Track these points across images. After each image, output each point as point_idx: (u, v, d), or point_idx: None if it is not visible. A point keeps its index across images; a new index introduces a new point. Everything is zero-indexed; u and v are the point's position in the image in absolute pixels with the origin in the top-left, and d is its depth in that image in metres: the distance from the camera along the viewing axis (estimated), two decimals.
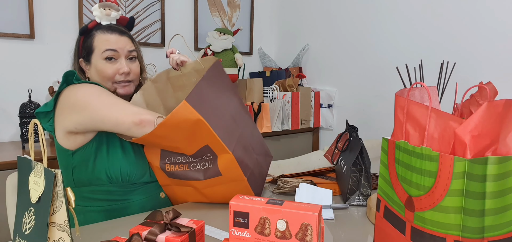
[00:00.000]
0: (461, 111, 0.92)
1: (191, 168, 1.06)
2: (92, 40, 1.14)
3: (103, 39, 1.13)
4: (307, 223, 0.63)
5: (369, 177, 1.10)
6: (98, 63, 1.13)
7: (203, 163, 1.05)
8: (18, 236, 0.67)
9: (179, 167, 1.07)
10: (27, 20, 1.94)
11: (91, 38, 1.14)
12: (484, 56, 1.85)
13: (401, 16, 2.18)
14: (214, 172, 1.04)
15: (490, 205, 0.55)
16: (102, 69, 1.13)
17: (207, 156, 1.03)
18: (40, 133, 0.63)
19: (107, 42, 1.13)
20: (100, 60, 1.13)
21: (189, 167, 1.06)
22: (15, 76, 1.93)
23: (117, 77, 1.14)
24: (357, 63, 2.44)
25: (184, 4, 2.52)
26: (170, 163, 1.07)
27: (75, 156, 1.08)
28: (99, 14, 1.14)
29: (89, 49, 1.14)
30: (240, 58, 2.46)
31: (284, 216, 0.64)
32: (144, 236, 0.73)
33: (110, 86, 1.14)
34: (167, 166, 1.07)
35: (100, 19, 1.15)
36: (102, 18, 1.15)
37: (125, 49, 1.15)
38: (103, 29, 1.15)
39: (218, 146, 1.00)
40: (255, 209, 0.66)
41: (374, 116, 2.36)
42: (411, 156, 0.62)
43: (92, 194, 1.10)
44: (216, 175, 1.03)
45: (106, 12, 1.14)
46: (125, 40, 1.16)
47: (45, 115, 1.08)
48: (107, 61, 1.13)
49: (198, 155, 1.04)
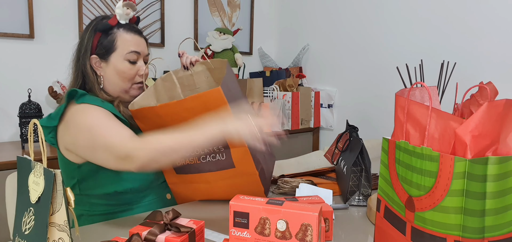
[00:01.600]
0: (461, 111, 0.92)
1: (201, 160, 1.07)
2: (114, 38, 1.10)
3: (128, 39, 1.11)
4: (307, 223, 0.63)
5: (369, 177, 1.10)
6: (119, 63, 1.10)
7: (214, 155, 1.06)
8: (18, 236, 0.67)
9: (190, 160, 1.07)
10: (26, 20, 1.94)
11: (112, 36, 1.10)
12: (484, 56, 1.85)
13: (402, 16, 2.18)
14: (227, 163, 1.05)
15: (490, 205, 0.55)
16: (123, 70, 1.10)
17: (219, 148, 1.05)
18: (39, 133, 0.63)
19: (132, 43, 1.11)
20: (122, 60, 1.10)
21: (199, 159, 1.07)
22: (15, 76, 1.93)
23: (136, 79, 1.13)
24: (357, 63, 2.44)
25: (184, 4, 2.52)
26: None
27: (82, 169, 1.05)
28: (121, 12, 1.11)
29: (110, 47, 1.09)
30: (240, 58, 2.46)
31: (284, 216, 0.64)
32: (144, 236, 0.73)
33: (128, 86, 1.13)
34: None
35: (120, 17, 1.11)
36: (123, 17, 1.12)
37: (144, 52, 1.15)
38: (125, 28, 1.11)
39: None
40: (255, 209, 0.66)
41: (374, 116, 2.35)
42: (412, 156, 0.62)
43: (98, 199, 1.09)
44: (229, 167, 1.05)
45: (127, 12, 1.12)
46: (144, 42, 1.16)
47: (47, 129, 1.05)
48: (129, 62, 1.11)
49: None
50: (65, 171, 1.09)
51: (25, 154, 1.12)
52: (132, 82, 1.13)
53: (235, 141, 0.96)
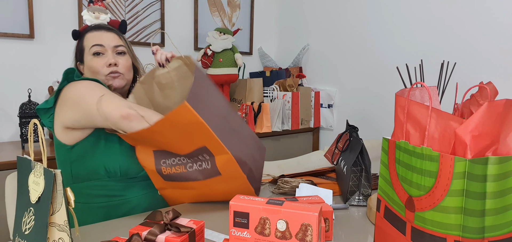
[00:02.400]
0: (461, 111, 0.92)
1: (187, 169, 1.05)
2: (83, 41, 1.21)
3: (90, 36, 1.20)
4: (307, 223, 0.63)
5: (369, 177, 1.10)
6: (88, 60, 1.19)
7: (200, 163, 1.04)
8: (18, 236, 0.67)
9: (176, 168, 1.06)
10: (26, 20, 1.94)
11: (82, 39, 1.21)
12: (484, 56, 1.85)
13: (402, 16, 2.18)
14: (213, 172, 1.03)
15: (490, 205, 0.55)
16: (91, 65, 1.18)
17: (203, 157, 1.03)
18: (39, 133, 0.63)
19: (93, 38, 1.19)
20: (89, 57, 1.18)
21: (185, 167, 1.06)
22: (15, 76, 1.93)
23: (105, 70, 1.18)
24: (357, 63, 2.44)
25: (184, 4, 2.52)
26: (166, 165, 1.06)
27: (74, 151, 1.10)
28: (89, 17, 1.24)
29: (81, 49, 1.21)
30: (240, 58, 2.46)
31: (284, 216, 0.64)
32: (144, 236, 0.73)
33: (103, 80, 1.18)
34: (164, 169, 1.06)
35: (90, 22, 1.24)
36: (92, 22, 1.24)
37: (111, 44, 1.20)
38: (92, 29, 1.22)
39: (216, 146, 0.99)
40: (255, 209, 0.66)
41: (375, 116, 2.35)
42: (412, 156, 0.62)
43: (91, 189, 1.11)
44: (216, 174, 1.03)
45: (95, 16, 1.24)
46: (111, 35, 1.21)
47: (46, 112, 1.12)
48: (95, 56, 1.18)
49: (193, 155, 1.03)
50: (59, 156, 1.14)
51: (25, 154, 1.12)
52: (103, 74, 1.18)
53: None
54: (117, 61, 1.19)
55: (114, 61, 1.18)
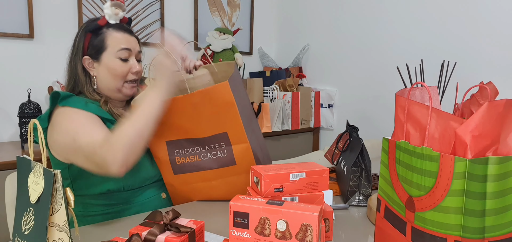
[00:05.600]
0: (461, 111, 0.92)
1: (202, 158, 1.08)
2: (104, 38, 1.10)
3: (118, 37, 1.11)
4: (307, 223, 0.63)
5: (369, 177, 1.10)
6: (111, 62, 1.10)
7: (214, 152, 1.07)
8: (18, 236, 0.67)
9: (190, 158, 1.08)
10: (26, 20, 1.94)
11: (102, 36, 1.11)
12: (484, 56, 1.85)
13: (402, 16, 2.18)
14: (228, 160, 1.07)
15: (490, 205, 0.55)
16: (115, 68, 1.10)
17: (220, 145, 1.06)
18: (39, 133, 0.63)
19: (122, 41, 1.11)
20: (113, 59, 1.10)
21: (199, 157, 1.08)
22: (15, 76, 1.93)
23: (129, 76, 1.13)
24: (357, 63, 2.44)
25: (184, 3, 2.52)
26: (179, 155, 1.08)
27: (72, 169, 1.05)
28: (110, 12, 1.12)
29: (100, 47, 1.10)
30: (240, 58, 2.46)
31: (284, 216, 0.64)
32: (144, 237, 0.73)
33: (120, 85, 1.12)
34: (177, 158, 1.09)
35: (109, 17, 1.13)
36: (112, 17, 1.13)
37: (136, 49, 1.15)
38: (115, 28, 1.12)
39: (238, 133, 1.03)
40: (255, 210, 0.66)
41: (375, 116, 2.35)
42: (412, 156, 0.62)
43: (92, 199, 1.09)
44: (231, 164, 1.07)
45: (115, 11, 1.14)
46: (135, 40, 1.16)
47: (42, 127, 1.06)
48: (121, 60, 1.11)
49: (211, 141, 1.06)
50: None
51: (24, 154, 1.12)
52: (125, 80, 1.13)
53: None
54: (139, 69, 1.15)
55: (140, 69, 1.14)
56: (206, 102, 1.00)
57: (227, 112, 1.01)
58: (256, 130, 1.18)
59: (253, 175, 0.88)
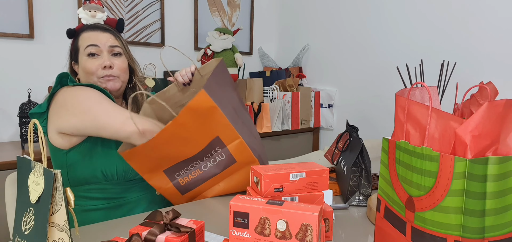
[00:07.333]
0: (461, 111, 0.92)
1: (203, 169, 1.09)
2: (78, 40, 1.17)
3: (86, 36, 1.16)
4: (307, 223, 0.63)
5: (369, 177, 1.10)
6: (82, 61, 1.15)
7: (213, 158, 1.08)
8: (18, 236, 0.67)
9: (192, 174, 1.09)
10: (26, 20, 1.94)
11: (77, 39, 1.17)
12: (484, 56, 1.85)
13: (402, 16, 2.18)
14: (228, 161, 1.08)
15: (490, 205, 0.55)
16: (85, 66, 1.14)
17: (216, 151, 1.07)
18: (39, 133, 0.63)
19: (88, 38, 1.15)
20: (84, 57, 1.14)
21: (200, 169, 1.09)
22: (15, 76, 1.93)
23: (100, 72, 1.14)
24: (357, 63, 2.44)
25: (184, 4, 2.52)
26: (181, 176, 1.09)
27: (70, 155, 1.08)
28: (85, 16, 1.19)
29: (76, 49, 1.17)
30: (240, 58, 2.46)
31: (284, 216, 0.64)
32: (144, 237, 0.73)
33: (96, 82, 1.15)
34: (181, 180, 1.09)
35: (86, 21, 1.19)
36: (88, 20, 1.19)
37: (106, 44, 1.16)
38: (88, 29, 1.18)
39: (229, 132, 1.03)
40: (255, 209, 0.66)
41: (374, 116, 2.35)
42: (412, 156, 0.62)
43: (89, 192, 1.11)
44: (232, 162, 1.08)
45: (92, 14, 1.19)
46: (107, 36, 1.17)
47: (39, 116, 1.08)
48: (90, 57, 1.14)
49: (206, 151, 1.06)
50: (55, 160, 1.11)
51: (25, 153, 1.12)
52: (98, 76, 1.14)
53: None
54: (113, 63, 1.15)
55: (109, 63, 1.14)
56: (192, 117, 0.98)
57: (213, 117, 0.99)
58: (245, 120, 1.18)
59: (253, 175, 0.88)
